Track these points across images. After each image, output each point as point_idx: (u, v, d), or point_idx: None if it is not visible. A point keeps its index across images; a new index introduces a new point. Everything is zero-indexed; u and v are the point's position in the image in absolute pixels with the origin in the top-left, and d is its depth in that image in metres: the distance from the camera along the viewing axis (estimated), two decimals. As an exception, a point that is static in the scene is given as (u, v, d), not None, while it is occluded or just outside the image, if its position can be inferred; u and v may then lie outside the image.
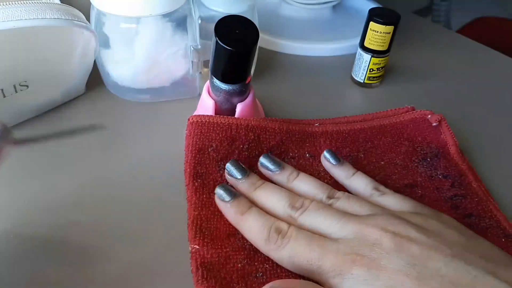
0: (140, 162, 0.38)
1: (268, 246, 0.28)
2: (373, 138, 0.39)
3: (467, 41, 0.63)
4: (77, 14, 0.38)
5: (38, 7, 0.35)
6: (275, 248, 0.27)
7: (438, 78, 0.54)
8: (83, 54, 0.41)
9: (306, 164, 0.36)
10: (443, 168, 0.37)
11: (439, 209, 0.34)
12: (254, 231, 0.29)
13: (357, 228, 0.27)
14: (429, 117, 0.40)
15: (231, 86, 0.35)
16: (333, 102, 0.49)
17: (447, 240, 0.26)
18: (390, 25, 0.46)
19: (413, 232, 0.26)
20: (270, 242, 0.28)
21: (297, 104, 0.47)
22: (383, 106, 0.43)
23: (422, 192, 0.35)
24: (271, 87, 0.50)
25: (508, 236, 0.32)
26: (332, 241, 0.27)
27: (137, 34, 0.40)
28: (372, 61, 0.48)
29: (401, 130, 0.40)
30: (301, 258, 0.27)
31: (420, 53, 0.59)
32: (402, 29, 0.52)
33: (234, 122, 0.36)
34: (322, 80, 0.52)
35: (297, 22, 0.62)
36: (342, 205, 0.30)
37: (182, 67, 0.44)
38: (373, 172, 0.36)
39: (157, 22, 0.40)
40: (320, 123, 0.40)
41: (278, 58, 0.56)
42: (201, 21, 0.44)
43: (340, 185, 0.35)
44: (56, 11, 0.36)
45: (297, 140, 0.38)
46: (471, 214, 0.34)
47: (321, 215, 0.29)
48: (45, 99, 0.42)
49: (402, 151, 0.38)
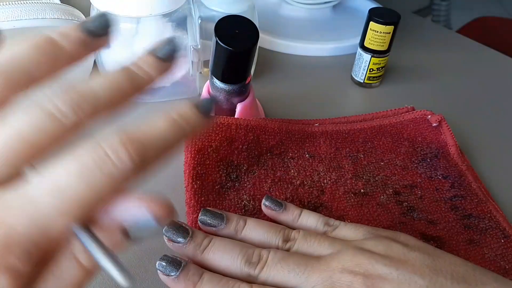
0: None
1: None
2: (373, 138, 0.39)
3: (467, 41, 0.63)
4: (77, 14, 0.38)
5: (38, 7, 0.35)
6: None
7: (438, 78, 0.54)
8: (83, 54, 0.41)
9: (306, 165, 0.36)
10: (443, 168, 0.37)
11: (438, 210, 0.34)
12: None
13: (324, 276, 0.25)
14: (429, 118, 0.40)
15: (231, 86, 0.35)
16: (333, 102, 0.48)
17: (415, 267, 0.25)
18: (390, 25, 0.46)
19: (381, 267, 0.25)
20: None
21: (297, 104, 0.47)
22: (383, 106, 0.43)
23: (421, 193, 0.35)
24: (271, 87, 0.50)
25: (507, 237, 0.32)
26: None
27: (137, 34, 0.40)
28: (372, 61, 0.48)
29: (401, 130, 0.40)
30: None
31: (420, 53, 0.59)
32: (402, 29, 0.52)
33: (234, 122, 0.36)
34: (322, 80, 0.52)
35: (297, 22, 0.62)
36: (301, 247, 0.28)
37: (182, 67, 0.44)
38: (372, 173, 0.36)
39: (157, 22, 0.40)
40: (320, 123, 0.40)
41: (278, 58, 0.56)
42: (201, 21, 0.44)
43: (338, 183, 0.35)
44: (56, 11, 0.36)
45: (297, 140, 0.38)
46: (470, 215, 0.34)
47: (282, 267, 0.26)
48: (45, 99, 0.42)
49: (402, 152, 0.38)
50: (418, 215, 0.33)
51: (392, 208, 0.34)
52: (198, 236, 0.28)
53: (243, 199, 0.33)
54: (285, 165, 0.36)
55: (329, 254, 0.27)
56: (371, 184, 0.36)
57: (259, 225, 0.30)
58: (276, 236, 0.29)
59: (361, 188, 0.35)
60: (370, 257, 0.25)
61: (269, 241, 0.29)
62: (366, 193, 0.35)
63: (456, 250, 0.31)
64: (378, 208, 0.34)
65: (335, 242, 0.28)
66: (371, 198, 0.35)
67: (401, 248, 0.26)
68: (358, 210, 0.34)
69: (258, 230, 0.29)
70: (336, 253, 0.26)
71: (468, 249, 0.31)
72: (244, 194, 0.34)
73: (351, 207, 0.34)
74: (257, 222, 0.30)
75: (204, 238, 0.28)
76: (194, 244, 0.27)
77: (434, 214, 0.34)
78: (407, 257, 0.26)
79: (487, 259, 0.31)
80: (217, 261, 0.27)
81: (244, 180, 0.34)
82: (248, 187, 0.34)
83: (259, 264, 0.26)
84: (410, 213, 0.34)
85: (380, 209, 0.34)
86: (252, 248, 0.27)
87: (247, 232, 0.29)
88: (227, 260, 0.27)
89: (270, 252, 0.27)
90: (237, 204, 0.33)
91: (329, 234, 0.30)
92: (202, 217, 0.29)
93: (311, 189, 0.35)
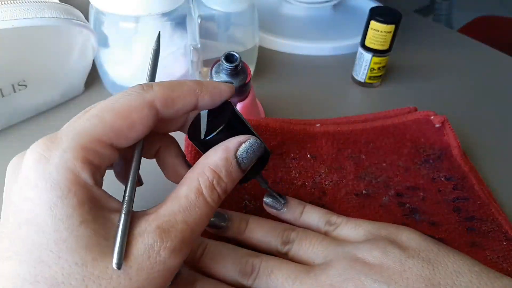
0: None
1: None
2: (375, 139, 0.39)
3: (469, 40, 0.63)
4: (76, 13, 0.37)
5: (36, 6, 0.34)
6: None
7: (439, 78, 0.54)
8: (81, 54, 0.41)
9: (307, 166, 0.36)
10: (445, 170, 0.37)
11: (441, 212, 0.34)
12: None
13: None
14: (432, 118, 0.40)
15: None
16: (334, 102, 0.48)
17: (410, 281, 0.24)
18: (391, 24, 0.45)
19: (370, 284, 0.24)
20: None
21: (297, 104, 0.47)
22: (384, 106, 0.43)
23: (424, 195, 0.35)
24: (271, 87, 0.50)
25: (509, 239, 0.32)
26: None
27: (136, 33, 0.40)
28: (373, 60, 0.48)
29: (403, 131, 0.40)
30: None
31: (421, 52, 0.59)
32: (403, 28, 0.52)
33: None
34: (322, 79, 0.52)
35: (298, 21, 0.61)
36: (296, 253, 0.28)
37: (181, 67, 0.44)
38: (375, 174, 0.36)
39: (156, 21, 0.39)
40: (322, 124, 0.40)
41: (278, 57, 0.55)
42: (201, 20, 0.43)
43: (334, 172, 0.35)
44: (55, 10, 0.35)
45: (298, 141, 0.38)
46: (473, 217, 0.33)
47: (275, 278, 0.26)
48: (43, 99, 0.42)
49: (405, 153, 0.38)
50: (420, 216, 0.33)
51: (394, 209, 0.34)
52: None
53: (244, 198, 0.33)
54: (286, 166, 0.36)
55: (320, 264, 0.27)
56: (373, 185, 0.35)
57: (259, 226, 0.30)
58: (276, 238, 0.29)
59: (363, 189, 0.35)
60: (360, 271, 0.25)
61: (269, 243, 0.29)
62: (368, 194, 0.35)
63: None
64: (380, 209, 0.34)
65: (329, 248, 0.27)
66: (373, 199, 0.34)
67: (398, 255, 0.25)
68: (359, 212, 0.33)
69: (259, 230, 0.30)
70: (327, 263, 0.26)
71: (470, 252, 0.31)
72: (245, 194, 0.33)
73: (353, 208, 0.33)
74: (257, 223, 0.30)
75: (199, 243, 0.28)
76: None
77: (437, 216, 0.33)
78: (403, 266, 0.24)
79: (489, 261, 0.30)
80: (213, 269, 0.27)
81: (244, 180, 0.34)
82: (249, 187, 0.34)
83: (252, 275, 0.27)
84: (412, 214, 0.33)
85: (382, 211, 0.33)
86: (245, 257, 0.28)
87: (248, 233, 0.30)
88: (220, 270, 0.27)
89: (262, 261, 0.27)
90: (238, 204, 0.33)
91: (330, 234, 0.30)
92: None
93: (313, 190, 0.34)
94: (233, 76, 0.35)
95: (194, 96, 0.24)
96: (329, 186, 0.35)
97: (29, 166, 0.20)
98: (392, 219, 0.33)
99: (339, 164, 0.37)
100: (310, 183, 0.35)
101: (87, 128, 0.21)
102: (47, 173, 0.19)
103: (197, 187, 0.22)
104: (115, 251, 0.19)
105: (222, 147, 0.24)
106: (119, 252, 0.19)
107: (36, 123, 0.41)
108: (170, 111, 0.23)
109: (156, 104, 0.22)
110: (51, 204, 0.19)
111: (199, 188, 0.22)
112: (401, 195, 0.35)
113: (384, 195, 0.35)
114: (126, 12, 0.38)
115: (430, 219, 0.33)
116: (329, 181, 0.35)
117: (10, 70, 0.37)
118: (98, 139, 0.21)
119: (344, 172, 0.36)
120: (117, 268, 0.19)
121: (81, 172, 0.20)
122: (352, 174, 0.36)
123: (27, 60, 0.38)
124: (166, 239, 0.20)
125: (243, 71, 0.35)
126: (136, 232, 0.20)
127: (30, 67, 0.39)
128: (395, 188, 0.35)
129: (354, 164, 0.37)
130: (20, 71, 0.38)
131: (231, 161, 0.24)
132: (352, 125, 0.40)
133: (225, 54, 0.34)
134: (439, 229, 0.32)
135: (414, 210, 0.34)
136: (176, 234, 0.21)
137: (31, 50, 0.38)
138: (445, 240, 0.32)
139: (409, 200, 0.34)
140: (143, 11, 0.38)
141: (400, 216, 0.33)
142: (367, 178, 0.36)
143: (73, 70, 0.42)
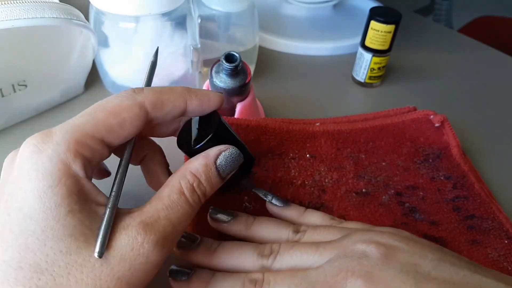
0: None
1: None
2: (375, 139, 0.39)
3: (469, 41, 0.63)
4: (76, 13, 0.37)
5: (36, 6, 0.34)
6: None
7: (439, 78, 0.54)
8: (82, 54, 0.41)
9: (307, 165, 0.36)
10: (445, 169, 0.37)
11: (440, 211, 0.34)
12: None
13: (337, 250, 0.25)
14: (432, 118, 0.40)
15: (231, 85, 0.34)
16: (334, 102, 0.48)
17: (424, 246, 0.25)
18: (391, 24, 0.45)
19: (392, 241, 0.25)
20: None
21: (297, 104, 0.47)
22: (384, 106, 0.43)
23: (423, 194, 0.35)
24: (271, 87, 0.50)
25: (510, 238, 0.32)
26: (315, 270, 0.25)
27: (136, 33, 0.40)
28: (373, 60, 0.48)
29: (403, 130, 0.40)
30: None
31: (421, 52, 0.59)
32: (403, 28, 0.52)
33: (234, 122, 0.36)
34: (322, 79, 0.52)
35: (298, 21, 0.61)
36: (311, 237, 0.28)
37: (181, 67, 0.44)
38: (374, 173, 0.36)
39: (156, 21, 0.39)
40: (321, 123, 0.40)
41: (278, 58, 0.55)
42: (201, 20, 0.43)
43: (334, 169, 0.35)
44: (55, 10, 0.35)
45: (298, 141, 0.38)
46: (473, 215, 0.33)
47: (295, 252, 0.26)
48: (44, 99, 0.42)
49: (404, 152, 0.38)
50: (420, 216, 0.33)
51: (394, 208, 0.34)
52: (207, 240, 0.28)
53: (244, 200, 0.33)
54: (286, 166, 0.36)
55: (340, 237, 0.27)
56: (372, 184, 0.35)
57: (268, 221, 0.30)
58: (287, 229, 0.29)
59: (363, 188, 0.35)
60: (381, 234, 0.26)
61: (279, 235, 0.29)
62: (367, 193, 0.35)
63: (459, 250, 0.31)
64: (379, 208, 0.33)
65: (344, 229, 0.28)
66: (373, 198, 0.34)
67: (407, 234, 0.27)
68: (359, 210, 0.33)
69: (267, 225, 0.30)
70: (346, 235, 0.27)
71: (471, 249, 0.31)
72: (245, 195, 0.33)
73: (353, 206, 0.33)
74: (266, 218, 0.30)
75: (213, 242, 0.28)
76: (203, 247, 0.28)
77: (436, 215, 0.33)
78: (415, 239, 0.26)
79: (490, 259, 0.30)
80: (228, 260, 0.27)
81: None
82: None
83: (271, 255, 0.26)
84: (412, 214, 0.33)
85: (382, 210, 0.33)
86: (263, 244, 0.28)
87: (255, 227, 0.29)
88: (239, 258, 0.27)
89: (281, 244, 0.27)
90: (238, 205, 0.33)
91: (335, 225, 0.30)
92: (212, 214, 0.30)
93: (312, 189, 0.34)
94: (233, 76, 0.35)
95: (183, 100, 0.25)
96: (329, 185, 0.35)
97: (24, 157, 0.21)
98: (392, 218, 0.33)
99: (339, 164, 0.37)
100: (309, 182, 0.35)
101: (80, 123, 0.22)
102: (40, 163, 0.20)
103: (179, 188, 0.24)
104: (98, 240, 0.20)
105: (204, 154, 0.25)
106: (102, 241, 0.20)
107: (36, 123, 0.41)
108: (160, 113, 0.24)
109: (146, 105, 0.24)
110: (41, 192, 0.20)
111: (180, 189, 0.24)
112: (400, 195, 0.35)
113: (384, 194, 0.35)
114: (126, 12, 0.38)
115: (430, 218, 0.33)
116: (329, 180, 0.35)
117: (10, 70, 0.37)
118: (90, 134, 0.22)
119: (344, 171, 0.36)
120: (98, 257, 0.20)
121: (72, 164, 0.21)
122: (352, 173, 0.36)
123: (27, 60, 0.38)
124: (150, 232, 0.21)
125: (243, 71, 0.36)
126: (121, 225, 0.21)
127: (30, 67, 0.39)
128: (395, 187, 0.35)
129: (353, 163, 0.37)
130: (20, 71, 0.38)
131: (211, 167, 0.25)
132: (352, 124, 0.40)
133: (225, 54, 0.34)
134: (439, 228, 0.32)
135: (414, 209, 0.34)
136: (159, 228, 0.22)
137: (31, 50, 0.38)
138: (445, 238, 0.32)
139: (409, 199, 0.34)
140: (143, 11, 0.38)
141: (399, 215, 0.33)
142: (366, 177, 0.36)
143: (73, 70, 0.43)
